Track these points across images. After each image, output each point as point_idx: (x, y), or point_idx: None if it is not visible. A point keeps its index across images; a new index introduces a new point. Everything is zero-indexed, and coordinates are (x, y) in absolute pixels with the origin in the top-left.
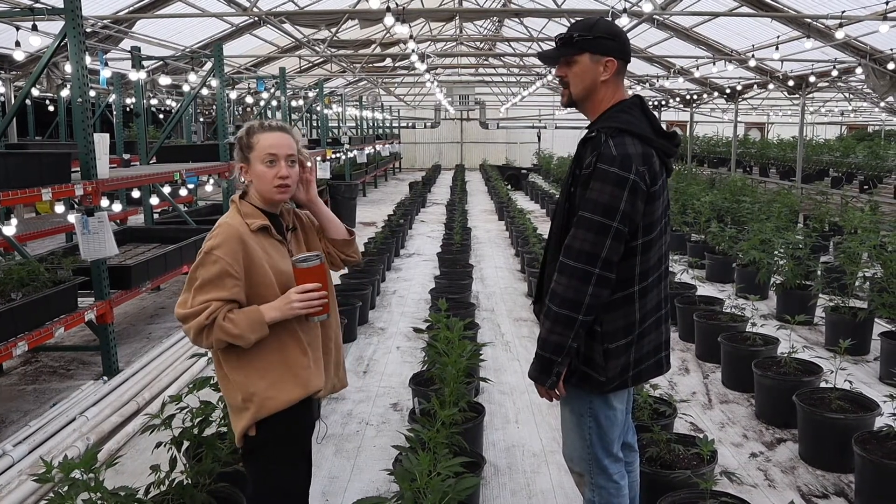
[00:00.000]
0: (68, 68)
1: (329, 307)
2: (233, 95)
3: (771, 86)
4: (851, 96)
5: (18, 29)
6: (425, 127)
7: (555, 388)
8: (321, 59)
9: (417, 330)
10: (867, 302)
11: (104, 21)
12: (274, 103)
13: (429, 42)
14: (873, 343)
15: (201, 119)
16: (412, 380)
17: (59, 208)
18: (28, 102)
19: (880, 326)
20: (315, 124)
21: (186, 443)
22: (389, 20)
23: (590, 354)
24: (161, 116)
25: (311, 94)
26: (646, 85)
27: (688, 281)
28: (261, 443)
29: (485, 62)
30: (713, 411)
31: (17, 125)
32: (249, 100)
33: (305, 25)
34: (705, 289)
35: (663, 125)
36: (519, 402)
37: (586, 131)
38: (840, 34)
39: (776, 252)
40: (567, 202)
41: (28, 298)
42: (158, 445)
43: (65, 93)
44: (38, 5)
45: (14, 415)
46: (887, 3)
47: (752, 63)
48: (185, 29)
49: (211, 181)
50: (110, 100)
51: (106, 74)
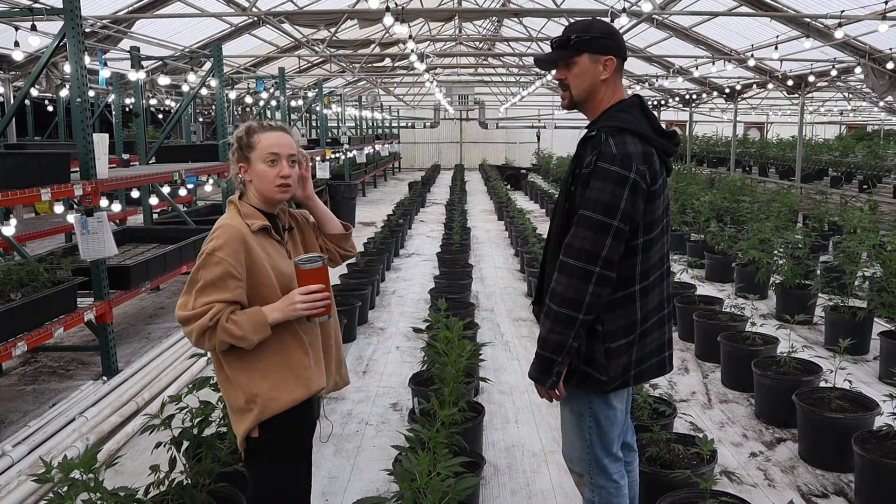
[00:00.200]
0: (67, 68)
1: (330, 308)
2: (232, 95)
3: (770, 85)
4: (851, 96)
5: (17, 29)
6: (424, 127)
7: (555, 389)
8: (320, 59)
9: (417, 330)
10: (866, 301)
11: (103, 21)
12: (273, 103)
13: (428, 42)
14: (873, 342)
15: (200, 119)
16: (412, 380)
17: (59, 208)
18: (27, 102)
19: (880, 326)
20: (314, 124)
21: (186, 443)
22: (389, 20)
23: (591, 354)
24: (160, 116)
25: (311, 94)
26: (645, 84)
27: (687, 280)
28: (263, 443)
29: (484, 62)
30: (713, 411)
31: (17, 125)
32: (249, 100)
33: (305, 25)
34: (705, 288)
35: (662, 124)
36: (518, 402)
37: (586, 130)
38: (839, 34)
39: (775, 252)
40: (567, 201)
41: (27, 299)
42: (158, 445)
43: (64, 93)
44: (37, 5)
45: (13, 415)
46: (886, 3)
47: (752, 63)
48: (185, 29)
49: (210, 181)
50: (109, 100)
51: (105, 74)
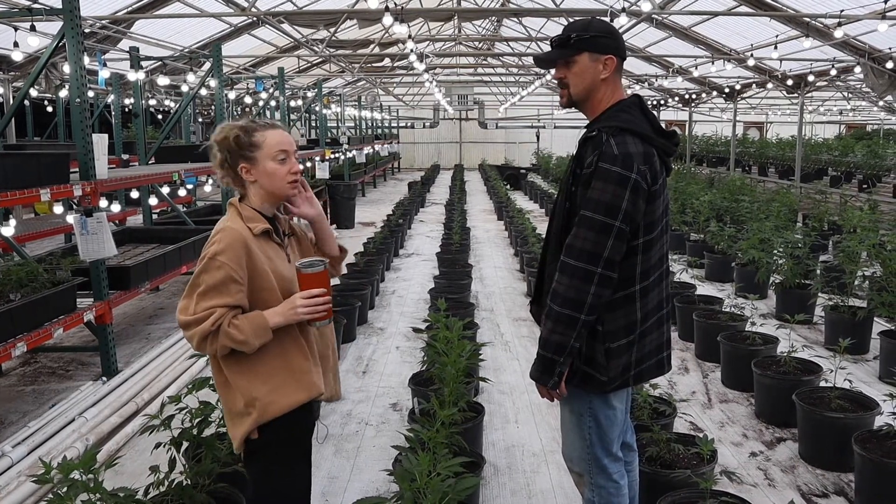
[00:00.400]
0: (67, 69)
1: (331, 312)
2: (231, 96)
3: (770, 85)
4: (850, 95)
5: (17, 29)
6: (424, 127)
7: (557, 389)
8: (320, 59)
9: (417, 330)
10: (866, 301)
11: (102, 21)
12: (273, 103)
13: (427, 42)
14: (873, 342)
15: (200, 119)
16: (411, 380)
17: (58, 209)
18: (26, 103)
19: (880, 325)
20: (314, 124)
21: (186, 443)
22: (388, 20)
23: (591, 354)
24: (160, 117)
25: (310, 94)
26: (644, 84)
27: (687, 280)
28: (262, 444)
29: (483, 62)
30: (713, 411)
31: (16, 126)
32: (248, 100)
33: (304, 25)
34: (704, 288)
35: (662, 124)
36: (518, 402)
37: (586, 130)
38: (839, 33)
39: (775, 251)
40: (567, 202)
41: (27, 299)
42: (158, 446)
43: (63, 93)
44: (37, 6)
45: (13, 416)
46: (886, 2)
47: (751, 62)
48: (184, 29)
49: (210, 181)
50: (109, 100)
51: (104, 75)
